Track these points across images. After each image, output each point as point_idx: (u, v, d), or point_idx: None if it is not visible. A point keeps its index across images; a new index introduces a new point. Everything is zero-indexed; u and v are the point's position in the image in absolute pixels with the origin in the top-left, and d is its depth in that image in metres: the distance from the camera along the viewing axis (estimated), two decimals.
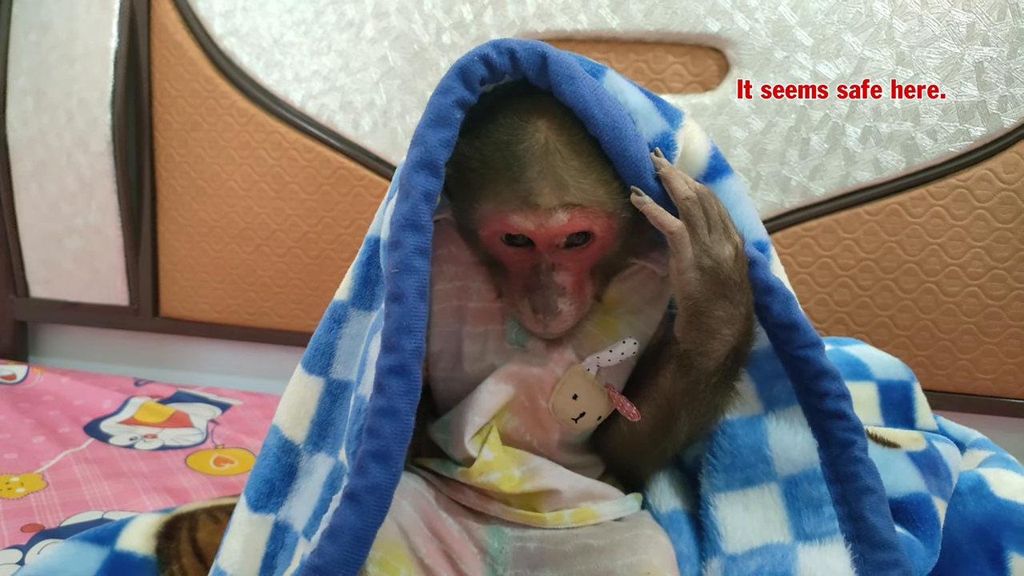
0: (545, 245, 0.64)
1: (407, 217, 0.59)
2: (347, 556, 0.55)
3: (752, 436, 0.69)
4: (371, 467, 0.55)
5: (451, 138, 0.60)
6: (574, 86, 0.61)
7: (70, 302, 1.61)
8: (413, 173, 0.59)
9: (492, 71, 0.61)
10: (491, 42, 0.61)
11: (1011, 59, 1.22)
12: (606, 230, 0.64)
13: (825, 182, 1.30)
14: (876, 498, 0.64)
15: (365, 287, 0.69)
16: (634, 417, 0.68)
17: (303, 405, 0.69)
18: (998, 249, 1.26)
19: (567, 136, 0.61)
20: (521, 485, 0.68)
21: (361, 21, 1.41)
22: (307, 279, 1.50)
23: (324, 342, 0.69)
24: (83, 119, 1.51)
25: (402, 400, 0.56)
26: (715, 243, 0.61)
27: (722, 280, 0.61)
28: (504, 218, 0.62)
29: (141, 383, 1.50)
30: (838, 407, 0.66)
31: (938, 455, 0.84)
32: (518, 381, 0.69)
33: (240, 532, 0.68)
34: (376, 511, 0.55)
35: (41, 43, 1.52)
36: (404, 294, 0.58)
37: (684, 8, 1.30)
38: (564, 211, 0.61)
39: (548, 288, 0.64)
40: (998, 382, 1.29)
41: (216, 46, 1.47)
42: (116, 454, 1.18)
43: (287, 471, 0.68)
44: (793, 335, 0.66)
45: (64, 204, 1.56)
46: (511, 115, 0.62)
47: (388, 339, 0.57)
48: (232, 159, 1.49)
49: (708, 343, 0.63)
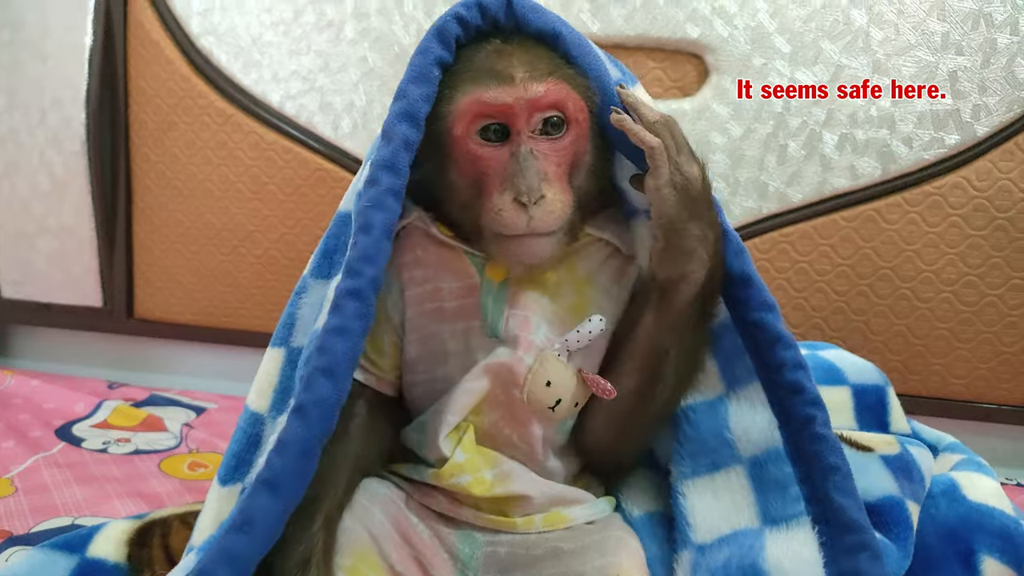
0: (523, 122, 0.65)
1: (386, 160, 0.62)
2: (294, 467, 0.56)
3: (714, 419, 0.70)
4: (319, 382, 0.57)
5: (431, 93, 0.65)
6: (539, 13, 0.68)
7: (42, 303, 1.58)
8: (396, 122, 0.63)
9: (464, 27, 0.67)
10: (460, 2, 0.67)
11: (984, 68, 1.24)
12: (579, 112, 0.66)
13: (802, 188, 1.31)
14: (840, 476, 0.64)
15: (324, 258, 0.70)
16: (609, 394, 0.67)
17: (267, 377, 0.70)
18: (971, 256, 1.28)
19: (533, 48, 0.67)
20: (492, 489, 0.68)
21: (341, 22, 1.40)
22: (284, 281, 1.49)
23: (286, 314, 0.71)
24: (56, 118, 1.48)
25: (355, 322, 0.59)
26: (684, 163, 0.64)
27: (693, 196, 0.63)
28: (480, 98, 0.64)
29: (115, 386, 1.48)
30: (795, 378, 0.66)
31: (911, 459, 0.85)
32: (492, 375, 0.69)
33: (210, 508, 0.68)
34: (321, 424, 0.57)
35: (13, 40, 1.49)
36: (372, 226, 0.61)
37: (664, 14, 1.31)
38: (539, 82, 0.64)
39: (529, 169, 0.64)
40: (971, 387, 1.31)
41: (193, 45, 1.45)
42: (88, 458, 1.16)
43: (253, 441, 0.69)
44: (748, 292, 0.67)
45: (37, 204, 1.53)
46: (484, 46, 0.67)
47: (351, 265, 0.60)
48: (209, 160, 1.48)
49: (687, 265, 0.64)
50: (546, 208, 0.64)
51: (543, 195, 0.64)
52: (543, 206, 0.64)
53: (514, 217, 0.64)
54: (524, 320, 0.69)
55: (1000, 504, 0.82)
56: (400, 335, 0.73)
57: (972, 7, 1.23)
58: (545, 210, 0.64)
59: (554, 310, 0.70)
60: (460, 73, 0.66)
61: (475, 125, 0.65)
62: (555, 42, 0.68)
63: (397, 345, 0.74)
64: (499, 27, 0.68)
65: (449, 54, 0.66)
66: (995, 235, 1.27)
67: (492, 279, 0.70)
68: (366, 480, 0.72)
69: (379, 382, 0.74)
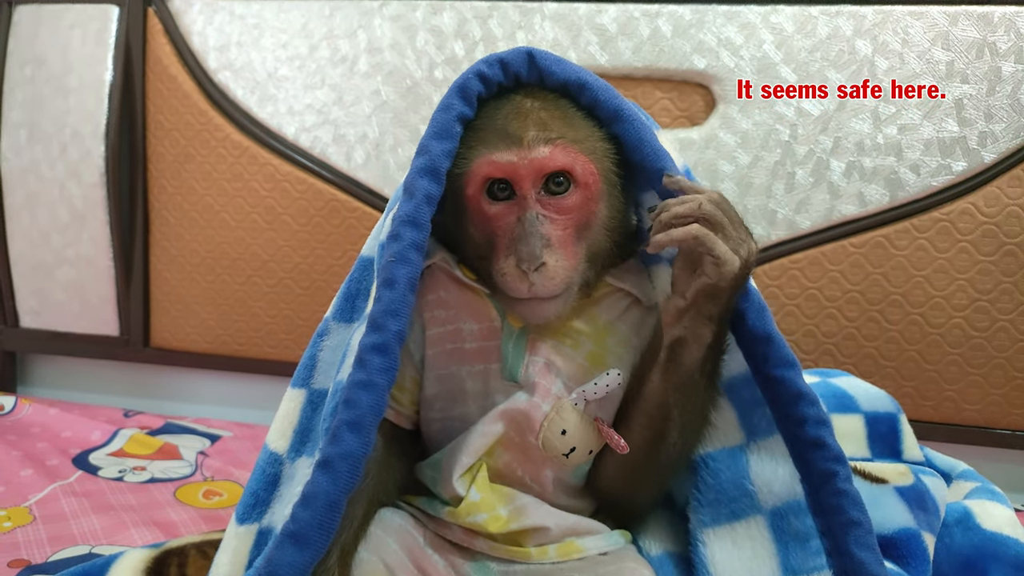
0: (527, 184, 0.65)
1: (409, 215, 0.64)
2: (320, 520, 0.57)
3: (734, 469, 0.70)
4: (345, 436, 0.58)
5: (452, 149, 0.66)
6: (563, 65, 0.68)
7: (60, 332, 1.61)
8: (417, 178, 0.64)
9: (486, 83, 0.68)
10: (482, 59, 0.69)
11: (990, 96, 1.25)
12: (588, 175, 0.66)
13: (810, 215, 1.32)
14: (862, 531, 0.64)
15: (347, 301, 0.71)
16: (623, 450, 0.68)
17: (287, 418, 0.71)
18: (981, 281, 1.28)
19: (553, 103, 0.68)
20: (508, 525, 0.69)
21: (355, 56, 1.43)
22: (298, 310, 1.50)
23: (307, 356, 0.72)
24: (76, 151, 1.52)
25: (381, 376, 0.60)
26: (744, 238, 0.64)
27: (729, 287, 0.63)
28: (489, 159, 0.65)
29: (131, 414, 1.50)
30: (818, 435, 0.65)
31: (925, 489, 0.85)
32: (508, 419, 0.70)
33: (228, 546, 0.69)
34: (348, 477, 0.58)
35: (36, 76, 1.53)
36: (396, 281, 0.62)
37: (671, 46, 1.33)
38: (545, 145, 0.65)
39: (532, 235, 0.65)
40: (984, 413, 1.30)
41: (211, 80, 1.49)
42: (105, 487, 1.17)
43: (271, 481, 0.70)
44: (768, 350, 0.66)
45: (56, 235, 1.56)
46: (505, 102, 0.68)
47: (375, 320, 0.61)
48: (225, 191, 1.50)
49: (700, 328, 0.64)
50: (546, 275, 0.65)
51: (544, 262, 0.64)
52: (543, 272, 0.64)
53: (516, 282, 0.65)
54: (543, 367, 0.69)
55: (1015, 533, 0.82)
56: (420, 372, 0.74)
57: (976, 36, 1.25)
58: (545, 276, 0.65)
59: (573, 359, 0.70)
60: (478, 131, 0.67)
61: (485, 184, 0.67)
62: (580, 93, 0.68)
63: (417, 381, 0.75)
64: (522, 81, 0.69)
65: (470, 110, 0.67)
66: (1005, 260, 1.27)
67: (513, 324, 0.71)
68: (382, 511, 0.72)
69: (397, 416, 0.75)
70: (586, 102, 0.68)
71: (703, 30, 1.32)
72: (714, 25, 1.32)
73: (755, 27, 1.31)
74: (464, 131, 0.67)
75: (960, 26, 1.25)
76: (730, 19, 1.31)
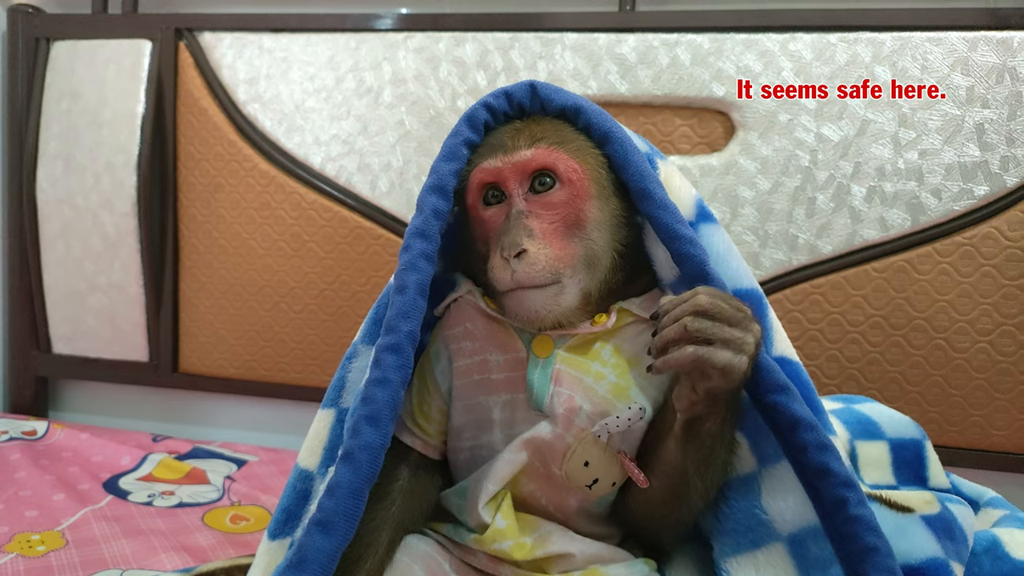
0: (513, 184, 0.70)
1: (418, 228, 0.69)
2: (344, 508, 0.60)
3: (748, 498, 0.70)
4: (364, 429, 0.62)
5: (458, 169, 0.72)
6: (561, 93, 0.74)
7: (91, 358, 1.64)
8: (427, 195, 0.70)
9: (492, 112, 0.74)
10: (490, 92, 0.75)
11: (1011, 120, 1.25)
12: (571, 172, 0.69)
13: (832, 240, 1.33)
14: (879, 556, 0.63)
15: (375, 325, 0.74)
16: (643, 484, 0.69)
17: (317, 436, 0.73)
18: (1006, 305, 1.27)
19: (549, 122, 0.73)
20: (533, 552, 0.69)
21: (379, 88, 1.47)
22: (324, 335, 1.53)
23: (337, 377, 0.75)
24: (110, 181, 1.56)
25: (395, 373, 0.64)
26: (744, 328, 0.61)
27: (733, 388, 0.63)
28: (480, 166, 0.70)
29: (159, 439, 1.52)
30: (821, 461, 0.64)
31: (952, 517, 0.84)
32: (532, 448, 0.71)
33: (260, 562, 0.71)
34: (368, 467, 0.61)
35: (72, 110, 1.58)
36: (407, 286, 0.66)
37: (690, 74, 1.35)
38: (529, 148, 0.69)
39: (515, 227, 0.68)
40: (1012, 438, 1.29)
41: (240, 111, 1.53)
42: (135, 511, 1.19)
43: (302, 496, 0.72)
44: (756, 375, 0.65)
45: (88, 263, 1.60)
46: (507, 126, 0.74)
47: (389, 322, 0.66)
48: (253, 219, 1.54)
49: (715, 406, 0.64)
50: (527, 260, 0.66)
51: (524, 249, 0.66)
52: (524, 259, 0.66)
53: (501, 272, 0.68)
54: (568, 399, 0.70)
55: None
56: (447, 402, 0.76)
57: (996, 61, 1.25)
58: (527, 263, 0.66)
59: (597, 391, 0.71)
60: (478, 150, 0.73)
61: (480, 192, 0.71)
62: (575, 116, 0.73)
63: (444, 412, 0.76)
64: (526, 110, 0.75)
65: (477, 136, 0.73)
66: None
67: (539, 355, 0.71)
68: (407, 537, 0.73)
69: (425, 446, 0.76)
70: (581, 125, 0.73)
71: (722, 58, 1.34)
72: (732, 53, 1.33)
73: (774, 55, 1.32)
74: (471, 154, 0.73)
75: (980, 51, 1.25)
76: (748, 47, 1.33)
